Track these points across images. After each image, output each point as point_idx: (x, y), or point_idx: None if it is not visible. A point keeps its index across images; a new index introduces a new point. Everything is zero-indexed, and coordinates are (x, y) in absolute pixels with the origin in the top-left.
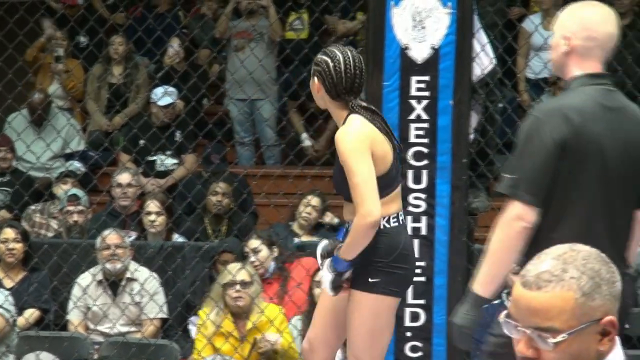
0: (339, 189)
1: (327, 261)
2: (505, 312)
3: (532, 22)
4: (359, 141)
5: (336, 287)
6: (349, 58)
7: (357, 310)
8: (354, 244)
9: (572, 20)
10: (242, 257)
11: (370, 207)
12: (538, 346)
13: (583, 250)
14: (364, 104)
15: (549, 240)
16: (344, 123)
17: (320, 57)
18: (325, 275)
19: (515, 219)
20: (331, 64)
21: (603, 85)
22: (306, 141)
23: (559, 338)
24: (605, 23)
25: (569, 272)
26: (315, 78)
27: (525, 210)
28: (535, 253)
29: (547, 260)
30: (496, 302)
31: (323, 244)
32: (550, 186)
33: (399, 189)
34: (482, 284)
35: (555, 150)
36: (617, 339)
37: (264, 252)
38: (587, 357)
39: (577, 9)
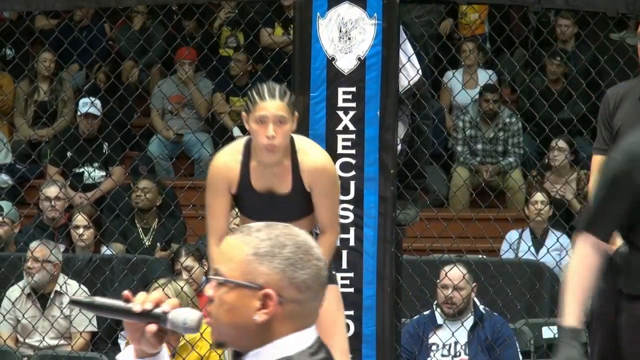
0: (296, 211)
1: None
2: None
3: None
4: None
5: None
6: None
7: (338, 303)
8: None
9: None
10: (172, 273)
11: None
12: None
13: (292, 229)
14: None
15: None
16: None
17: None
18: None
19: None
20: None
21: None
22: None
23: (217, 279)
24: None
25: (259, 233)
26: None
27: (598, 243)
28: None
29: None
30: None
31: None
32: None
33: None
34: (570, 314)
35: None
36: (305, 334)
37: (195, 267)
38: (244, 319)
39: None
